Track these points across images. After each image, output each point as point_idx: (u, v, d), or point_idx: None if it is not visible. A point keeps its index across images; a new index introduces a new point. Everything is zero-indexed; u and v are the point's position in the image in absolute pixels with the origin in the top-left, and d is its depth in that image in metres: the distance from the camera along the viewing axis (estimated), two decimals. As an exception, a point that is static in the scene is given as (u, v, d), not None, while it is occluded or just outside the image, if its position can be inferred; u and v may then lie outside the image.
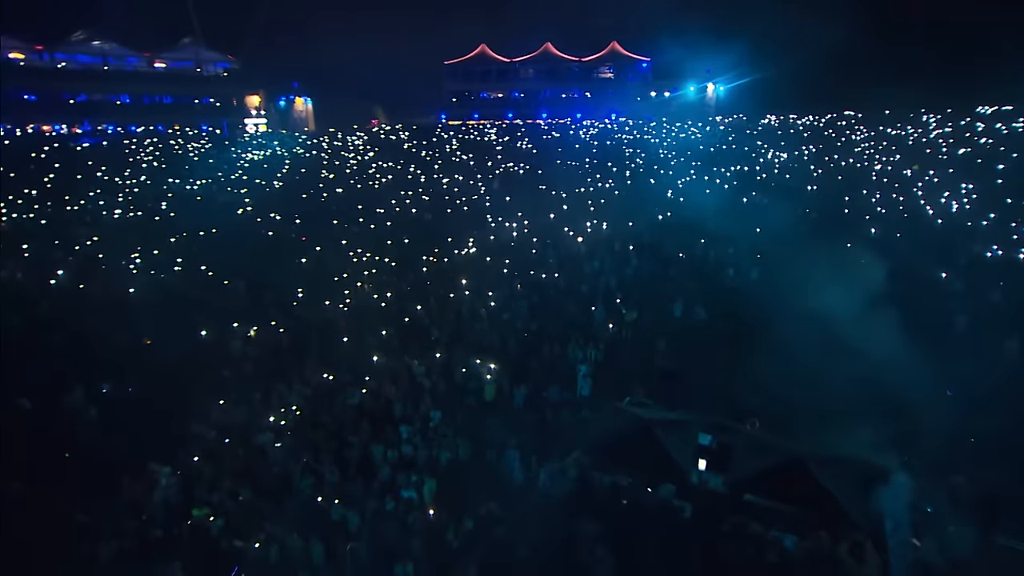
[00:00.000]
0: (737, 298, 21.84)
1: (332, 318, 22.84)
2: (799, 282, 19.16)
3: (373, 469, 13.71)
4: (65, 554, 11.13)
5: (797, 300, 17.50)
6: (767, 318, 17.77)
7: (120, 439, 14.91)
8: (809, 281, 18.99)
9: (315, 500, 12.74)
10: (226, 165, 48.84)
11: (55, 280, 25.13)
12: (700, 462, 10.11)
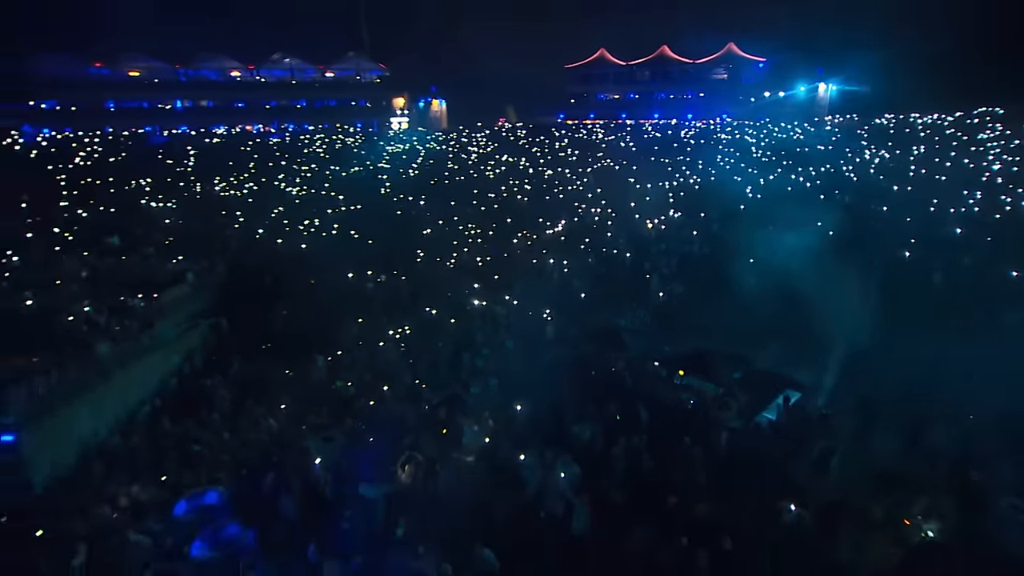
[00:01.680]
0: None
1: (441, 273, 29.21)
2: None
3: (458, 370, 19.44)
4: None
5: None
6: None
7: (295, 338, 22.28)
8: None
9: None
10: (374, 156, 57.41)
11: (258, 236, 33.85)
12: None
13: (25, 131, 62.78)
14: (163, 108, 73.91)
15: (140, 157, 54.98)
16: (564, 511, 8.39)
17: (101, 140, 60.92)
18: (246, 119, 72.66)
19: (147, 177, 46.71)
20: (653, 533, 7.59)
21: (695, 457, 9.53)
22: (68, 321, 20.09)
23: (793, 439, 10.77)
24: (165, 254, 30.06)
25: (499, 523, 8.00)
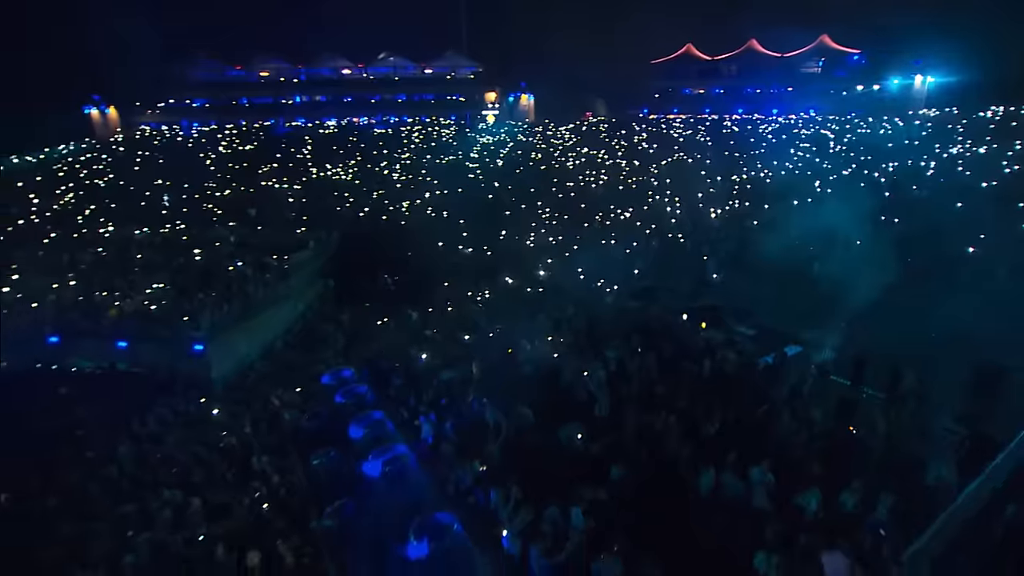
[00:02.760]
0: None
1: (518, 250, 32.75)
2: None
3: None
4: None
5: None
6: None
7: (394, 296, 26.64)
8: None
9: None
10: (466, 146, 61.66)
11: (362, 214, 38.88)
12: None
13: (183, 125, 72.84)
14: (285, 103, 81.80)
15: (267, 146, 62.51)
16: (589, 398, 11.52)
17: (237, 132, 69.48)
18: (354, 112, 79.36)
19: (273, 163, 53.51)
20: (647, 412, 10.60)
21: (689, 371, 12.36)
22: (229, 272, 25.41)
23: (780, 374, 13.24)
24: (291, 225, 35.55)
25: (540, 399, 11.26)
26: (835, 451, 9.59)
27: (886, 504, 7.66)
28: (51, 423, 17.49)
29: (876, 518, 7.41)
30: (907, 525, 7.45)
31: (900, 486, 8.24)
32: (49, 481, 14.57)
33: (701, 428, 10.00)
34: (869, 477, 8.33)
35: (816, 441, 10.02)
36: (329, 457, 10.27)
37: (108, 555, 11.50)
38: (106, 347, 20.67)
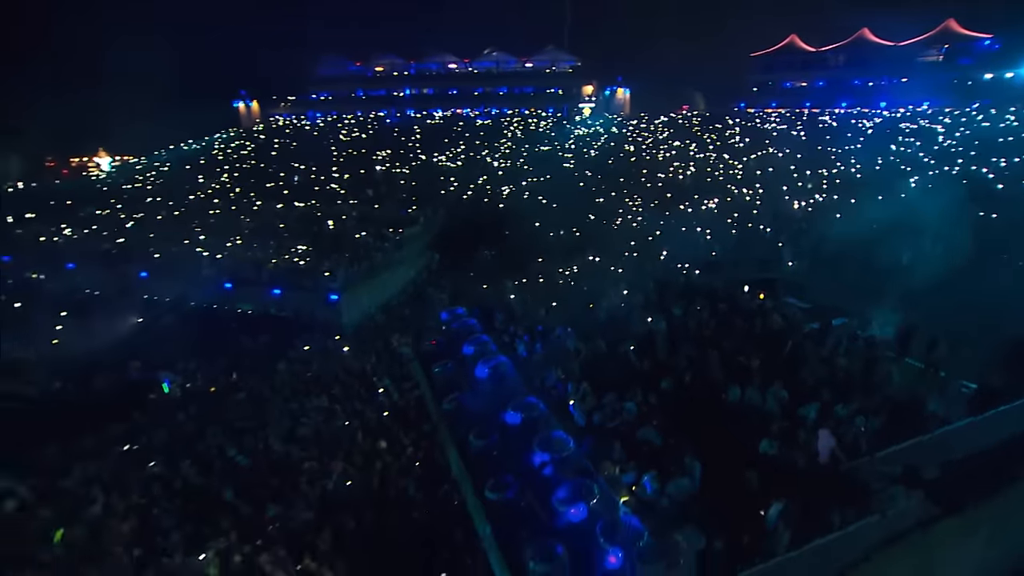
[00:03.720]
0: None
1: (605, 232, 34.95)
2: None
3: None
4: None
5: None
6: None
7: (492, 269, 29.70)
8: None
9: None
10: (562, 137, 64.24)
11: (465, 196, 42.52)
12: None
13: (309, 116, 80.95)
14: (396, 95, 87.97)
15: (381, 134, 68.27)
16: (651, 340, 13.80)
17: (354, 121, 76.12)
18: (458, 104, 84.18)
19: (387, 149, 58.67)
20: (696, 349, 12.76)
21: (740, 326, 14.23)
22: (356, 240, 29.66)
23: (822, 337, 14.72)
24: (403, 204, 39.76)
25: (612, 339, 13.71)
26: (846, 385, 11.29)
27: (875, 422, 9.58)
28: (228, 348, 22.20)
29: (861, 422, 9.36)
30: (889, 438, 9.32)
31: (894, 414, 10.06)
32: (235, 385, 18.99)
33: (737, 361, 12.07)
34: (868, 401, 10.19)
35: (832, 377, 11.73)
36: (446, 367, 13.31)
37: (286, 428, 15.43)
38: (264, 294, 25.32)
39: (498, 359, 12.25)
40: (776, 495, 7.84)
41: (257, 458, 14.73)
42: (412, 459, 14.12)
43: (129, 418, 17.10)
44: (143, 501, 12.99)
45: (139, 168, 60.20)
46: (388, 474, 13.69)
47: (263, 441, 15.32)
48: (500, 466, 9.69)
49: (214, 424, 16.40)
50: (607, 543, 7.20)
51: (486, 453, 10.23)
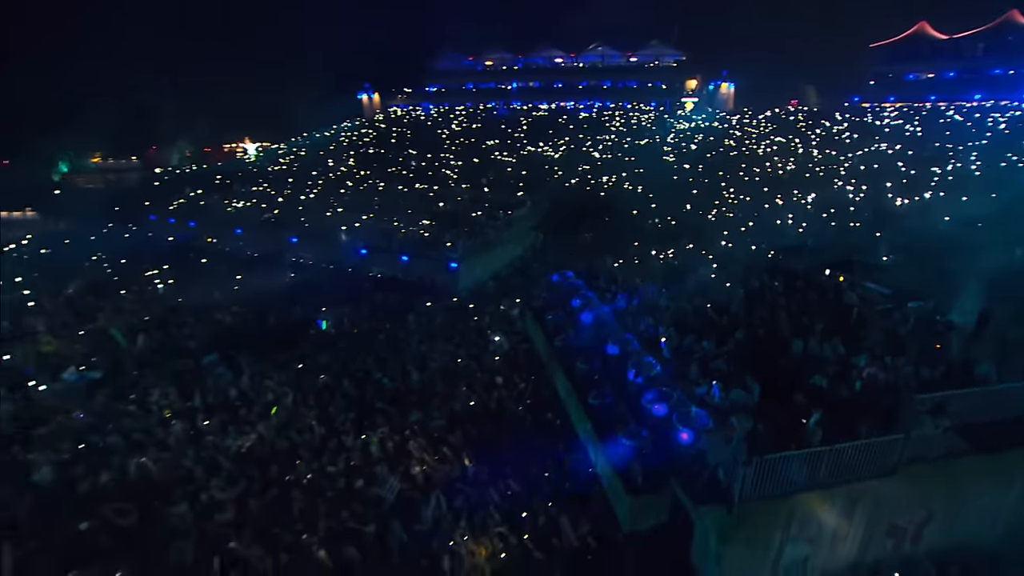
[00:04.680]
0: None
1: (699, 221, 36.25)
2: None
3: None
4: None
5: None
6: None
7: (591, 249, 32.03)
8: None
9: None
10: (663, 131, 64.95)
11: (568, 184, 45.06)
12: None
13: (424, 107, 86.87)
14: (504, 88, 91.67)
15: (489, 125, 72.23)
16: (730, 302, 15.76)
17: (464, 113, 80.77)
18: (563, 97, 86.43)
19: (495, 139, 62.30)
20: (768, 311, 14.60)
21: (814, 300, 15.76)
22: (471, 218, 33.15)
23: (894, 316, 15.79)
24: (511, 189, 42.95)
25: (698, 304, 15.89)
26: (902, 347, 12.68)
27: (925, 373, 11.21)
28: (365, 301, 26.36)
29: (910, 371, 11.04)
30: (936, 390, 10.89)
31: (946, 373, 11.55)
32: (376, 329, 22.98)
33: (803, 322, 13.80)
34: (921, 359, 11.75)
35: (891, 340, 13.14)
36: (557, 316, 16.09)
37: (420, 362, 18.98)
38: (393, 260, 29.37)
39: (600, 309, 14.88)
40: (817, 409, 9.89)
41: (398, 382, 18.29)
42: (523, 393, 17.04)
43: (298, 347, 21.38)
44: (319, 400, 16.89)
45: (280, 152, 68.10)
46: (503, 402, 16.71)
47: (402, 370, 18.89)
48: (601, 383, 12.36)
49: (363, 355, 20.26)
50: (681, 426, 9.65)
51: (589, 375, 12.94)
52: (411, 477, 13.11)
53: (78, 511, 12.24)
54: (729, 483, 9.26)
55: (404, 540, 11.12)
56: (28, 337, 22.27)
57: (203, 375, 18.65)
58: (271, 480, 13.14)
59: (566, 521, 11.24)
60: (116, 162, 77.28)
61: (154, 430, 15.33)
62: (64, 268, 33.67)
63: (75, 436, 15.13)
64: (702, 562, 10.15)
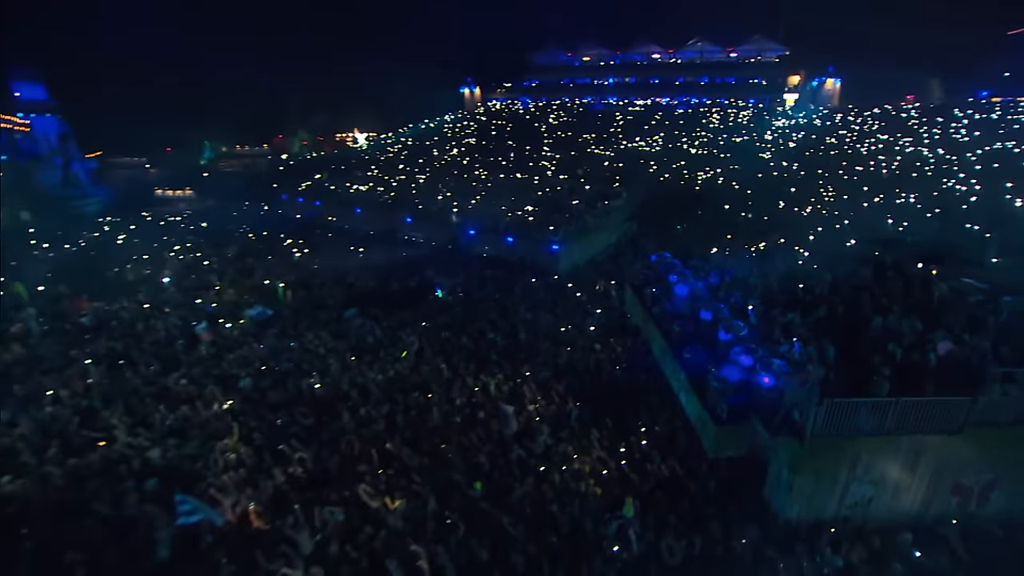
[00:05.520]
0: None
1: (793, 218, 36.44)
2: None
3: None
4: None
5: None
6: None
7: (682, 239, 33.30)
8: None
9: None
10: (761, 128, 63.89)
11: (663, 178, 46.18)
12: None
13: (522, 101, 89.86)
14: (600, 84, 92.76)
15: (586, 119, 73.92)
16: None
17: (561, 107, 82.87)
18: (659, 93, 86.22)
19: (591, 134, 64.01)
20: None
21: (899, 285, 16.61)
22: (571, 205, 35.43)
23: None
24: (607, 182, 44.71)
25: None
26: (983, 328, 13.55)
27: (1003, 350, 12.28)
28: (475, 275, 29.40)
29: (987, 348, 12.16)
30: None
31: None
32: (486, 297, 25.88)
33: (883, 303, 14.92)
34: (1003, 339, 12.75)
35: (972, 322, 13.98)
36: (655, 290, 18.11)
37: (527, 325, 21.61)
38: (499, 240, 32.23)
39: (695, 284, 16.75)
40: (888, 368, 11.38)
41: (508, 341, 20.97)
42: (619, 356, 19.19)
43: (419, 309, 24.65)
44: (443, 349, 19.91)
45: (388, 142, 73.47)
46: (601, 364, 18.94)
47: (511, 331, 21.57)
48: (694, 341, 14.34)
49: (476, 318, 23.17)
50: (762, 372, 11.52)
51: (684, 335, 14.93)
52: (525, 412, 15.69)
53: (271, 411, 15.97)
54: (803, 421, 11.03)
55: (523, 457, 13.68)
56: (211, 287, 27.33)
57: (345, 325, 22.31)
58: (410, 404, 16.19)
59: (656, 453, 13.37)
60: (250, 149, 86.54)
61: (316, 362, 18.99)
62: (219, 236, 39.50)
63: (259, 360, 19.13)
64: (775, 492, 11.97)
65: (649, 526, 11.38)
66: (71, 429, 15.07)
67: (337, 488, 12.60)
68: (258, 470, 13.34)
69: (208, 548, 11.21)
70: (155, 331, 22.08)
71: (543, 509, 11.97)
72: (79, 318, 23.51)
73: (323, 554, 10.87)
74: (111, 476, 13.16)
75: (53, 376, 18.12)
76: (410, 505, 12.00)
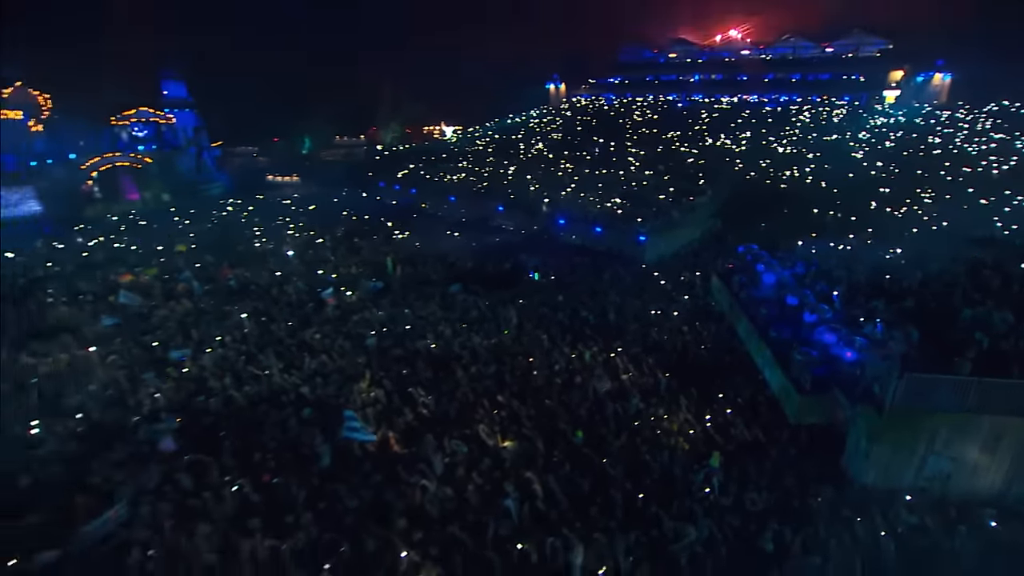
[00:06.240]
0: None
1: (885, 219, 35.65)
2: None
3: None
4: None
5: None
6: None
7: (764, 237, 33.53)
8: None
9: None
10: (856, 126, 61.15)
11: (748, 177, 46.01)
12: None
13: (606, 98, 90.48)
14: (686, 81, 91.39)
15: (670, 116, 73.68)
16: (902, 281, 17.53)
17: (645, 104, 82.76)
18: (746, 90, 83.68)
19: (676, 131, 63.97)
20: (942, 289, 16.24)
21: (994, 282, 16.76)
22: (658, 200, 36.47)
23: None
24: (692, 179, 45.12)
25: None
26: None
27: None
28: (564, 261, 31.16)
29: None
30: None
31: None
32: (576, 280, 27.63)
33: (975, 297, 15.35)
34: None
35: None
36: (742, 278, 19.21)
37: (615, 308, 23.15)
38: (588, 230, 33.82)
39: (782, 272, 17.75)
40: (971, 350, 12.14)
41: (599, 319, 22.62)
42: (705, 339, 20.40)
43: (515, 288, 26.69)
44: (540, 323, 21.85)
45: (476, 135, 76.43)
46: (687, 345, 20.22)
47: (602, 311, 23.20)
48: (780, 321, 15.48)
49: (568, 298, 24.97)
50: (845, 347, 12.60)
51: (770, 317, 16.07)
52: (619, 380, 17.35)
53: (396, 363, 18.55)
54: (883, 393, 12.04)
55: (618, 413, 15.38)
56: (327, 261, 30.79)
57: (451, 298, 24.74)
58: (515, 366, 18.24)
59: (739, 420, 14.68)
60: (348, 140, 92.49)
61: (428, 327, 21.47)
62: (326, 217, 43.44)
63: (379, 323, 21.90)
64: (852, 459, 13.01)
65: (732, 478, 12.79)
66: (239, 366, 18.25)
67: (458, 428, 14.82)
68: (390, 409, 15.82)
69: (359, 461, 13.71)
70: (287, 295, 25.46)
71: (637, 458, 13.64)
72: (226, 282, 27.39)
73: (451, 476, 13.07)
74: (276, 403, 16.06)
75: (217, 326, 21.69)
76: (521, 446, 14.01)
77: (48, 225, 41.57)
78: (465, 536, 11.00)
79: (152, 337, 20.79)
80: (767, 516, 11.72)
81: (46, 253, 33.89)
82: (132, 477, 12.87)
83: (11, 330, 20.98)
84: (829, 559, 10.48)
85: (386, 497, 12.31)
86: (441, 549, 10.79)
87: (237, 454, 13.59)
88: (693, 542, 10.58)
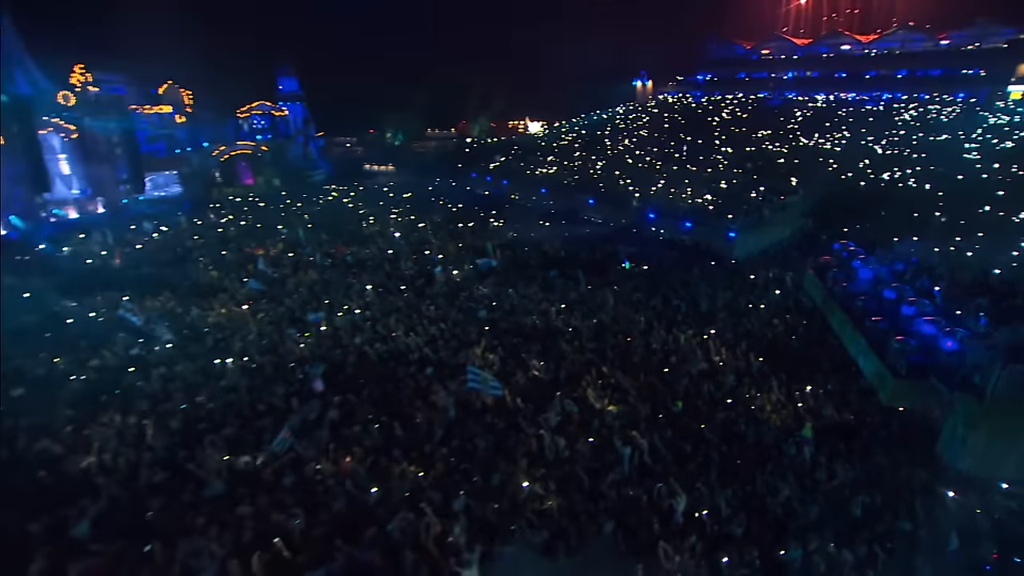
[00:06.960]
0: None
1: (998, 222, 34.00)
2: None
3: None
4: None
5: None
6: None
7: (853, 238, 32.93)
8: None
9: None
10: (969, 126, 56.70)
11: (844, 177, 44.80)
12: None
13: (694, 95, 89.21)
14: (778, 78, 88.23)
15: (761, 115, 71.91)
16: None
17: (735, 102, 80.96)
18: (844, 87, 79.61)
19: (767, 129, 62.61)
20: None
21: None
22: (749, 198, 36.61)
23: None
24: (781, 178, 44.47)
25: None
26: None
27: None
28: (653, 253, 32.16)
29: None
30: None
31: None
32: (666, 272, 28.65)
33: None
34: None
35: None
36: (838, 273, 19.76)
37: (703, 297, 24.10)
38: (677, 225, 34.61)
39: (879, 268, 18.21)
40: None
41: (690, 308, 23.64)
42: (796, 330, 21.01)
43: (608, 276, 28.02)
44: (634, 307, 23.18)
45: (563, 131, 77.84)
46: (779, 335, 20.88)
47: (693, 300, 24.21)
48: (878, 312, 16.11)
49: (658, 285, 26.12)
50: (947, 337, 13.24)
51: (867, 309, 16.69)
52: (711, 361, 18.49)
53: (506, 334, 20.55)
54: (984, 382, 12.60)
55: (712, 391, 16.58)
56: (431, 243, 33.45)
57: (551, 281, 26.50)
58: (616, 344, 19.77)
59: (830, 402, 15.50)
60: (439, 132, 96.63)
61: (532, 305, 23.34)
62: (422, 203, 46.41)
63: (487, 299, 24.04)
64: (948, 445, 13.58)
65: (823, 452, 13.74)
66: (367, 329, 20.87)
67: (567, 392, 16.54)
68: (505, 372, 17.78)
69: (479, 413, 15.73)
70: (400, 270, 28.17)
71: (732, 428, 14.85)
72: (343, 257, 30.55)
73: (564, 430, 14.80)
74: (403, 361, 18.43)
75: (342, 294, 24.62)
76: (626, 408, 15.57)
77: (186, 203, 47.20)
78: (583, 474, 12.70)
79: (290, 301, 23.95)
80: (857, 486, 12.61)
81: (189, 228, 38.75)
82: (297, 409, 15.49)
83: (180, 288, 24.88)
84: (920, 527, 11.28)
85: (508, 443, 14.22)
86: (559, 484, 12.55)
87: (376, 400, 15.96)
88: (789, 497, 11.74)
